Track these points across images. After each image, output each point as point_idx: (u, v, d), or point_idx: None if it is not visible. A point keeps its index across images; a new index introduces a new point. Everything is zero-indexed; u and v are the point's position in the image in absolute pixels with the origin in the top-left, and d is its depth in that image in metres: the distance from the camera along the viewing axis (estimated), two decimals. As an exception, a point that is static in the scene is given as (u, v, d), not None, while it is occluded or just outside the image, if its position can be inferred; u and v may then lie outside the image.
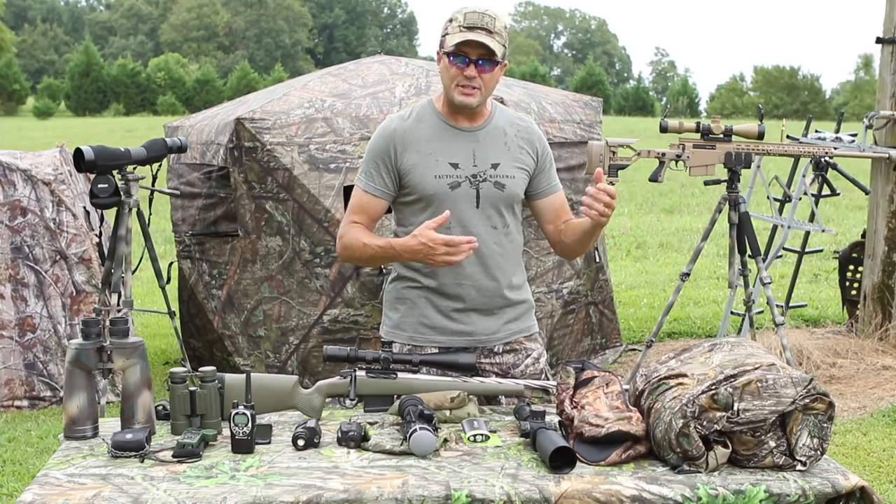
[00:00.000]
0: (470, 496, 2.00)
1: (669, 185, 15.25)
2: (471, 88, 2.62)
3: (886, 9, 6.09)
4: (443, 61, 2.65)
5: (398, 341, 2.76)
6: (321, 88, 5.32)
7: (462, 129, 2.70)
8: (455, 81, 2.62)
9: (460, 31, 2.59)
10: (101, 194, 4.51)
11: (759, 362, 2.19)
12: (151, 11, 68.82)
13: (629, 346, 6.46)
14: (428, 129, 2.70)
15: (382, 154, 2.70)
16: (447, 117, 2.71)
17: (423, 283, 2.72)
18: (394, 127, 2.72)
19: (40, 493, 2.01)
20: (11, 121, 33.32)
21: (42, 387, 5.34)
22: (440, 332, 2.73)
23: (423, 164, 2.67)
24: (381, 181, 2.70)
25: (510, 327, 2.79)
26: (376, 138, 2.73)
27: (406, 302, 2.76)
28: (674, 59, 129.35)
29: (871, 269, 6.16)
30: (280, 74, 39.77)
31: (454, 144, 2.69)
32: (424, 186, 2.66)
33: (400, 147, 2.68)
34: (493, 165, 2.69)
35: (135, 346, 2.35)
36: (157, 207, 5.16)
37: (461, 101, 2.63)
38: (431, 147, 2.68)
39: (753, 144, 4.57)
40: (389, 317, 2.80)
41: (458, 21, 2.60)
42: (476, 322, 2.74)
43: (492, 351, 2.78)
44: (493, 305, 2.74)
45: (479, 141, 2.70)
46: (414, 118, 2.73)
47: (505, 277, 2.74)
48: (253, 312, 5.11)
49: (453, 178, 2.67)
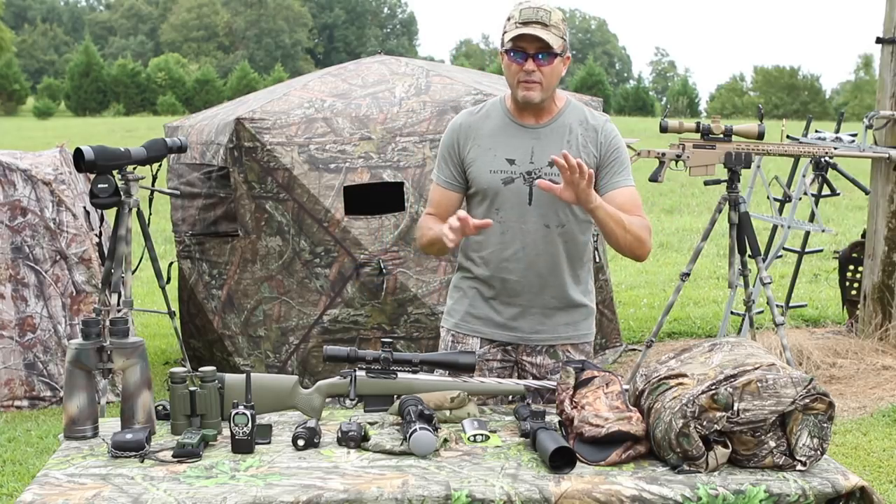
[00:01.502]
0: (470, 496, 2.00)
1: (669, 185, 15.24)
2: (531, 83, 2.64)
3: (886, 9, 6.09)
4: (504, 59, 2.69)
5: (446, 326, 2.85)
6: (321, 88, 5.32)
7: (525, 125, 2.73)
8: (517, 77, 2.65)
9: (516, 28, 2.62)
10: (101, 194, 4.51)
11: (759, 362, 2.19)
12: (151, 11, 68.81)
13: (629, 346, 6.46)
14: (492, 125, 2.75)
15: (449, 147, 2.78)
16: (513, 114, 2.75)
17: (475, 273, 2.78)
18: (461, 121, 2.80)
19: (40, 493, 2.01)
20: (11, 121, 33.30)
21: (42, 387, 5.34)
22: (484, 322, 2.78)
23: (482, 158, 2.72)
24: (449, 173, 2.78)
25: (559, 330, 2.78)
26: (446, 132, 2.82)
27: (459, 290, 2.84)
28: (674, 59, 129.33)
29: (871, 269, 6.16)
30: (280, 74, 39.75)
31: (514, 140, 2.72)
32: (480, 180, 2.72)
33: (463, 140, 2.76)
34: (550, 164, 2.68)
35: (135, 346, 2.35)
36: (157, 207, 5.16)
37: (524, 97, 2.66)
38: (492, 142, 2.73)
39: (753, 144, 4.57)
40: (447, 302, 2.89)
41: (514, 18, 2.64)
42: (519, 318, 2.75)
43: (533, 350, 2.78)
44: (540, 304, 2.75)
45: (539, 138, 2.72)
46: (483, 113, 2.79)
47: (555, 278, 2.73)
48: (253, 312, 5.11)
49: (507, 174, 2.70)
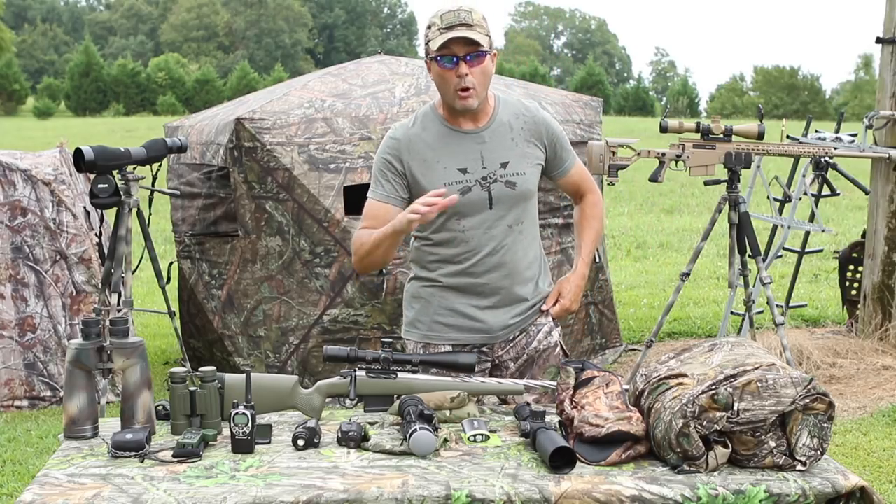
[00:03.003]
0: (470, 496, 2.00)
1: (669, 185, 15.25)
2: (467, 91, 2.60)
3: (886, 9, 6.09)
4: (433, 68, 2.63)
5: (413, 339, 2.79)
6: (321, 88, 5.32)
7: (466, 131, 2.69)
8: (451, 86, 2.60)
9: (440, 34, 2.58)
10: (101, 194, 4.51)
11: (760, 362, 2.19)
12: (151, 11, 68.80)
13: (629, 346, 6.46)
14: (432, 136, 2.69)
15: (388, 164, 2.70)
16: (450, 121, 2.70)
17: (438, 281, 2.74)
18: (398, 136, 2.71)
19: (40, 493, 2.01)
20: (11, 121, 33.31)
21: (42, 387, 5.34)
22: (455, 329, 2.75)
23: (432, 172, 2.67)
24: (389, 187, 2.70)
25: (524, 316, 2.80)
26: (382, 150, 2.73)
27: (421, 300, 2.78)
28: (674, 59, 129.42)
29: (871, 269, 6.16)
30: (280, 74, 39.74)
31: (460, 149, 2.68)
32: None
33: (406, 156, 2.68)
34: (502, 164, 2.68)
35: (135, 346, 2.35)
36: (157, 207, 5.16)
37: (463, 106, 2.63)
38: (438, 154, 2.67)
39: (753, 144, 4.57)
40: (406, 315, 2.83)
41: (436, 25, 2.60)
42: (490, 318, 2.75)
43: (508, 342, 2.80)
44: (508, 301, 2.76)
45: (485, 141, 2.69)
46: (418, 126, 2.72)
47: (519, 274, 2.76)
48: (253, 312, 5.11)
49: (463, 184, 2.66)
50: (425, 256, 2.77)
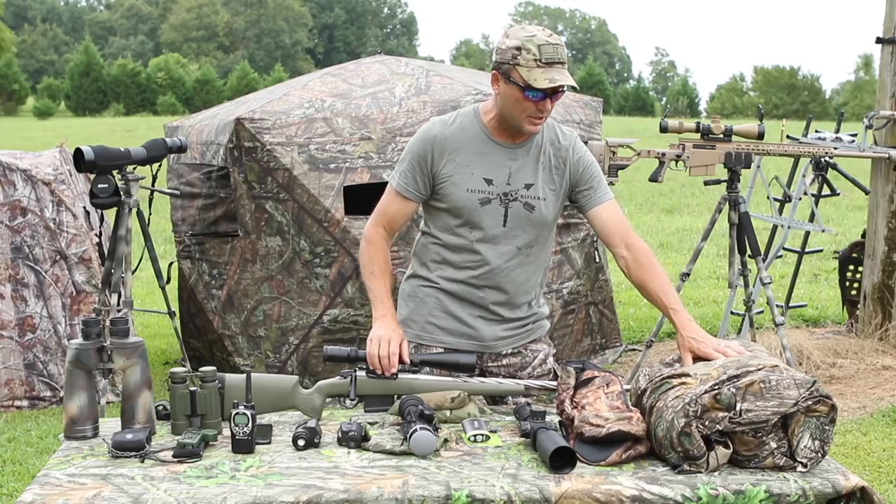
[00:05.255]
0: (470, 496, 2.00)
1: (669, 185, 15.24)
2: (540, 118, 2.59)
3: (886, 9, 6.08)
4: (511, 90, 2.54)
5: (405, 338, 2.77)
6: (321, 88, 5.32)
7: (503, 145, 2.67)
8: (526, 112, 2.56)
9: (538, 67, 2.49)
10: (101, 194, 4.51)
11: (763, 363, 2.19)
12: (151, 11, 68.84)
13: (629, 346, 6.46)
14: (469, 140, 2.67)
15: (421, 157, 2.67)
16: (490, 131, 2.68)
17: (436, 283, 2.74)
18: (435, 132, 2.68)
19: (40, 493, 2.01)
20: (11, 121, 33.32)
21: (42, 387, 5.34)
22: (447, 332, 2.75)
23: (459, 175, 2.65)
24: (414, 184, 2.69)
25: (518, 335, 2.80)
26: (416, 141, 2.70)
27: (416, 300, 2.78)
28: (674, 59, 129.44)
29: (871, 269, 6.15)
30: (280, 74, 39.78)
31: (491, 160, 2.66)
32: (456, 198, 2.65)
33: (438, 154, 2.66)
34: (525, 186, 2.67)
35: (135, 346, 2.35)
36: (157, 207, 5.16)
37: (531, 132, 2.62)
38: (469, 159, 2.66)
39: (753, 144, 4.57)
40: (400, 312, 2.81)
41: (531, 54, 2.50)
42: (482, 327, 2.75)
43: (498, 354, 2.79)
44: (504, 317, 2.76)
45: (516, 159, 2.67)
46: (457, 126, 2.69)
47: (516, 297, 2.75)
48: (253, 312, 5.11)
49: (485, 194, 2.65)
50: (429, 253, 2.76)
